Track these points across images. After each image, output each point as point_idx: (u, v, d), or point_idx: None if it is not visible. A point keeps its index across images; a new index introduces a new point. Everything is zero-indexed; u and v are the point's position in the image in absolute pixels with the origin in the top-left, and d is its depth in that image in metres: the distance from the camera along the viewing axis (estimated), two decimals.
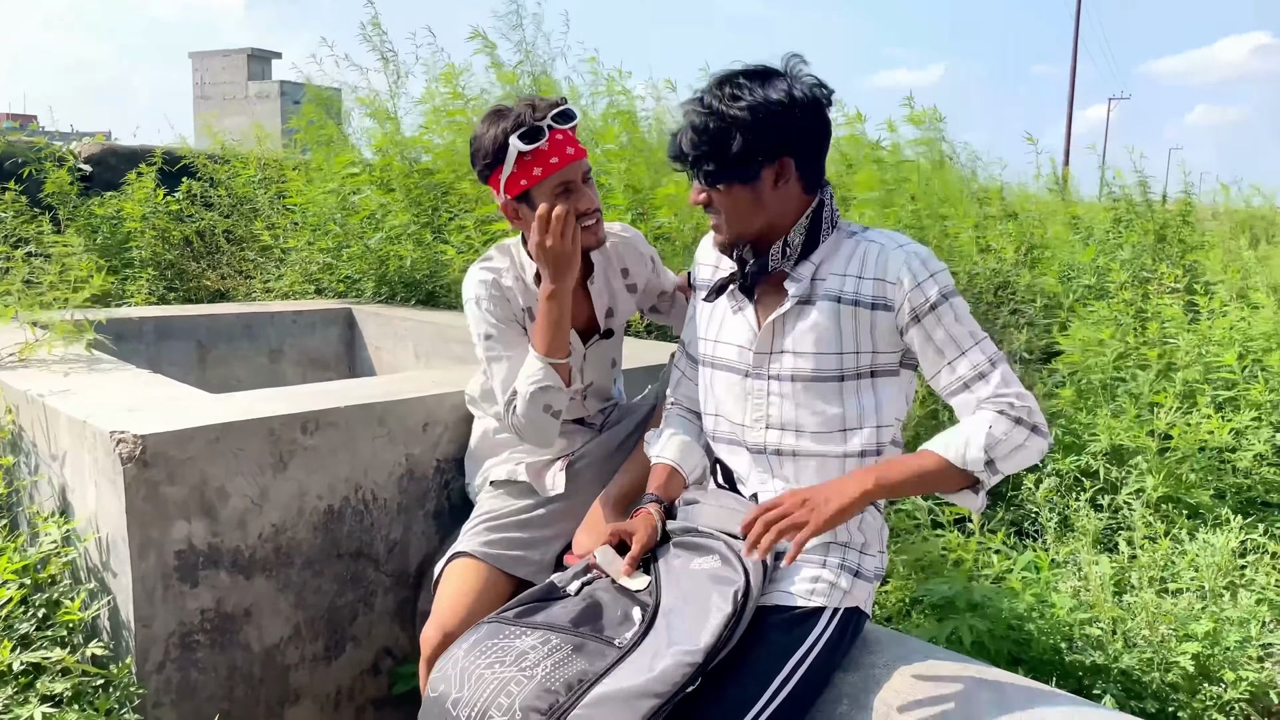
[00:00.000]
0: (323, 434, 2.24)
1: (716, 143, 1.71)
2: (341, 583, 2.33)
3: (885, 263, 1.74)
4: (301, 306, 4.13)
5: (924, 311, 1.72)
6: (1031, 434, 1.67)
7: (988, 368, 1.70)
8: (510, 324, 2.17)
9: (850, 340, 1.77)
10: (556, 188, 2.06)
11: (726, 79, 1.73)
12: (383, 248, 4.30)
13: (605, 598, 1.77)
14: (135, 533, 2.00)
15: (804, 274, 1.80)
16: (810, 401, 1.80)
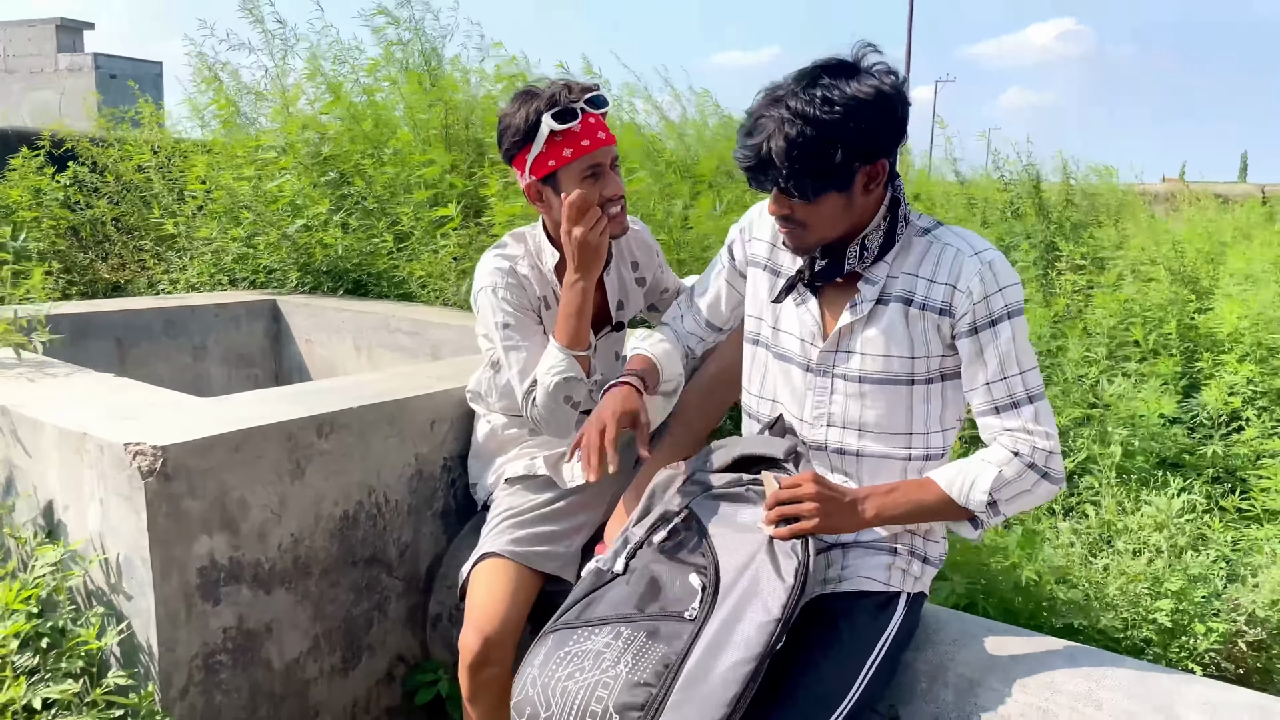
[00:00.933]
0: (337, 436, 2.14)
1: (814, 154, 1.58)
2: (357, 591, 2.23)
3: (960, 269, 1.68)
4: (224, 299, 3.91)
5: (984, 325, 1.67)
6: (1041, 480, 1.66)
7: (1024, 399, 1.67)
8: (527, 313, 2.12)
9: (921, 344, 1.73)
10: (585, 171, 2.00)
11: (811, 79, 1.61)
12: (304, 236, 4.10)
13: (659, 569, 1.72)
14: (158, 552, 1.86)
15: (879, 275, 1.73)
16: (877, 403, 1.76)
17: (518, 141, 2.02)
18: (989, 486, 1.64)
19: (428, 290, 3.92)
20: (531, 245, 2.19)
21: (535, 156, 2.01)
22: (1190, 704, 1.59)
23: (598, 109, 2.03)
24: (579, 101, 1.99)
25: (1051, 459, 1.66)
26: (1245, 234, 7.61)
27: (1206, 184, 16.54)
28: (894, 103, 1.62)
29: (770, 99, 1.64)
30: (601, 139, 2.01)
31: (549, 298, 2.16)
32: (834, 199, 1.65)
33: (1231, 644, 2.62)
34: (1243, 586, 2.73)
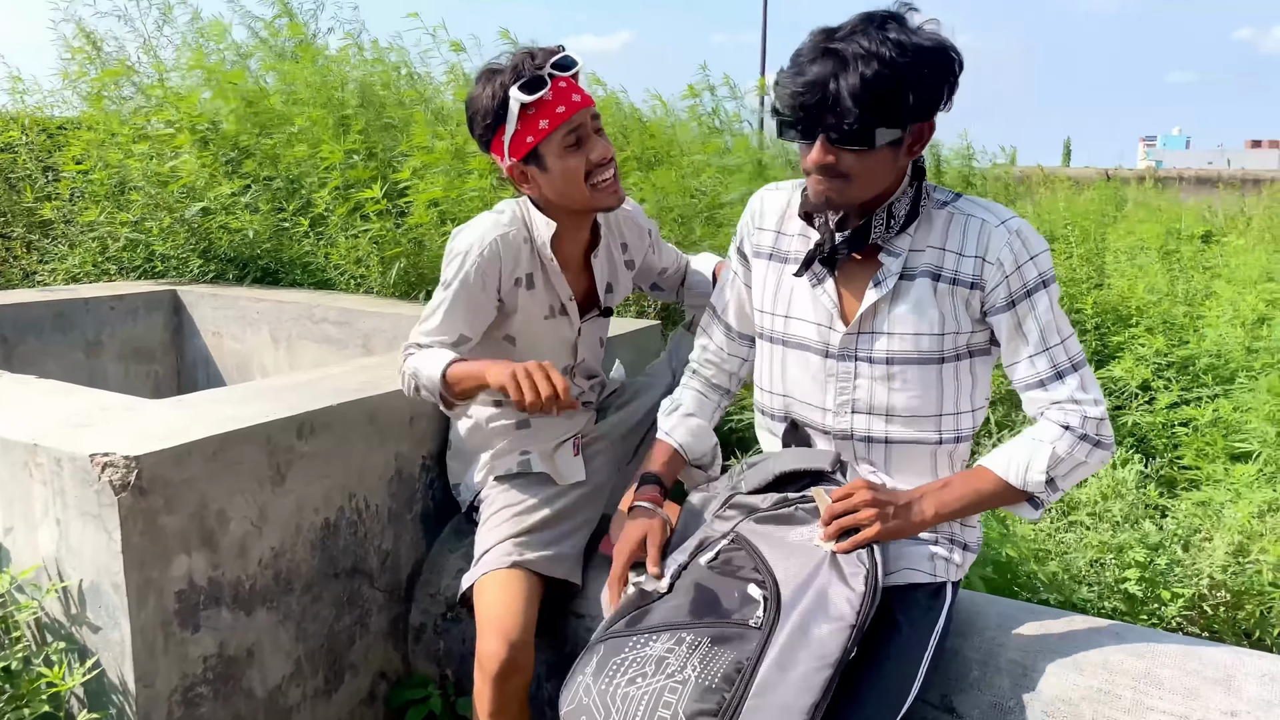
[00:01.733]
0: (318, 438, 1.94)
1: (888, 94, 1.46)
2: (339, 605, 2.04)
3: (988, 240, 1.61)
4: (120, 290, 3.56)
5: (1020, 297, 1.61)
6: (1095, 449, 1.61)
7: (1068, 368, 1.62)
8: (480, 293, 1.94)
9: (951, 319, 1.65)
10: (567, 138, 1.87)
11: (880, 22, 1.49)
12: (205, 220, 3.79)
13: (710, 583, 1.62)
14: (133, 576, 1.64)
15: (901, 248, 1.65)
16: (906, 385, 1.68)
17: (490, 125, 1.88)
18: (1045, 466, 1.60)
19: (346, 277, 3.68)
20: (524, 217, 2.01)
21: (512, 136, 1.87)
22: (1249, 676, 1.59)
23: (566, 70, 1.87)
24: (545, 67, 1.84)
25: (1102, 426, 1.61)
26: (1110, 214, 8.00)
27: (1051, 169, 17.39)
28: (955, 59, 1.54)
29: (830, 37, 1.50)
30: (577, 101, 1.87)
31: (535, 274, 2.00)
32: (886, 152, 1.54)
33: (1197, 607, 2.70)
34: (1198, 552, 2.81)
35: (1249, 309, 4.30)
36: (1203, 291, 4.93)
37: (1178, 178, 15.12)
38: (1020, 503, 1.66)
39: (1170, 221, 6.71)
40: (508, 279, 1.97)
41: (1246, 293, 4.62)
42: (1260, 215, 8.61)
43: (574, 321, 2.09)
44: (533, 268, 2.00)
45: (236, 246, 3.78)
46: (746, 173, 4.62)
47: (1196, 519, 2.95)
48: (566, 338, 2.10)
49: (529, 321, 2.03)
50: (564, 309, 2.06)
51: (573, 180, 1.89)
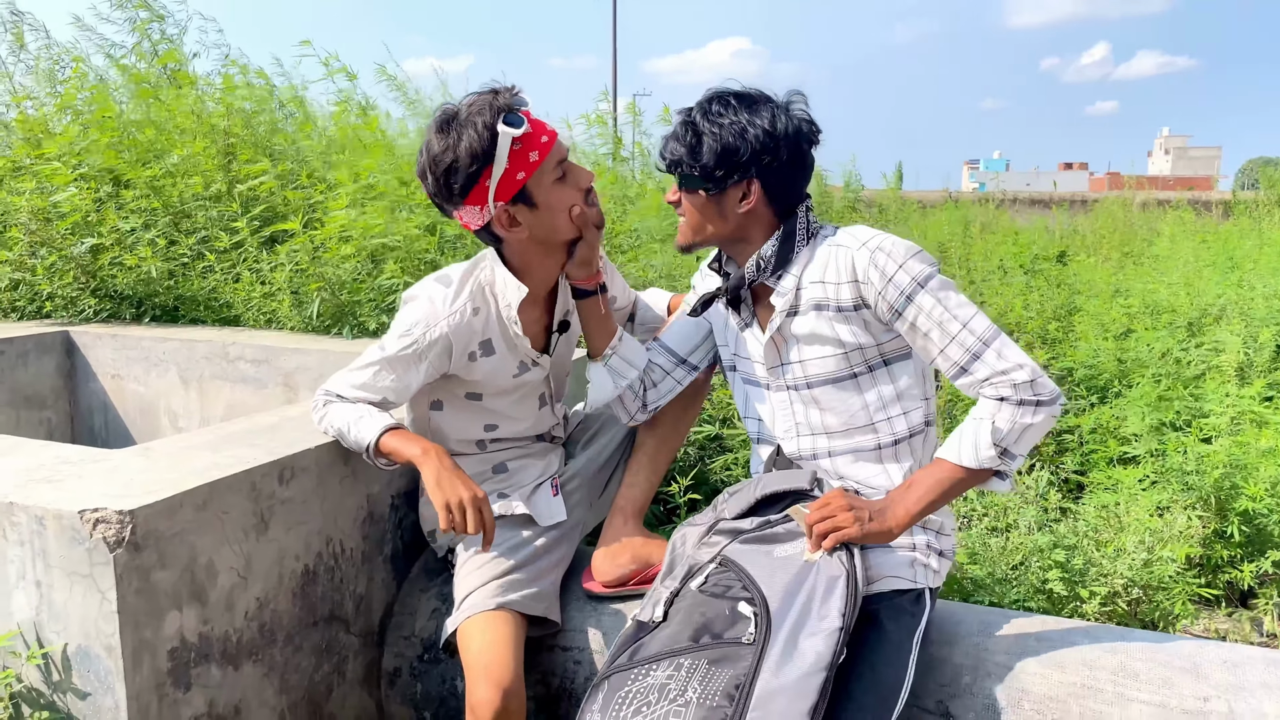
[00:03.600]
0: (297, 482, 1.89)
1: (690, 151, 1.75)
2: (318, 654, 1.98)
3: (852, 264, 1.73)
4: (7, 333, 3.34)
5: (901, 304, 1.70)
6: (1037, 408, 1.66)
7: (980, 347, 1.68)
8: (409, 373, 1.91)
9: (849, 338, 1.77)
10: (556, 170, 1.83)
11: (718, 96, 1.77)
12: (97, 259, 3.60)
13: (703, 607, 1.66)
14: (128, 636, 1.56)
15: (788, 286, 1.80)
16: (830, 403, 1.83)
17: (474, 171, 1.76)
18: (990, 440, 1.66)
19: (254, 313, 3.55)
20: (482, 281, 1.95)
21: (500, 176, 1.77)
22: (1213, 663, 1.73)
23: (525, 105, 1.83)
24: (519, 101, 1.81)
25: (1036, 385, 1.66)
26: (962, 234, 8.46)
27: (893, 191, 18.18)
28: (783, 142, 1.74)
29: (685, 108, 1.81)
30: (551, 131, 1.85)
31: (495, 340, 1.95)
32: (707, 200, 1.78)
33: (1112, 604, 2.89)
34: (1108, 551, 3.01)
35: (1114, 323, 4.63)
36: (1066, 307, 5.28)
37: (1012, 199, 16.07)
38: (988, 479, 1.73)
39: (1024, 242, 7.17)
40: (459, 359, 1.93)
41: (1106, 307, 4.98)
42: (1095, 233, 9.27)
43: (544, 364, 2.07)
44: (490, 334, 1.95)
45: (132, 284, 3.59)
46: (650, 202, 4.70)
47: (1099, 520, 3.16)
48: (535, 384, 2.09)
49: (495, 381, 2.01)
50: (534, 362, 2.04)
51: (562, 219, 1.85)
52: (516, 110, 1.78)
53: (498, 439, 2.10)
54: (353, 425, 1.88)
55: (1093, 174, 55.91)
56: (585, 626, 2.04)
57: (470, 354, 1.94)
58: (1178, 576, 3.04)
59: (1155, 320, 4.98)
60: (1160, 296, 5.31)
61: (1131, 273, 6.43)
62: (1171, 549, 3.04)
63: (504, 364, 1.98)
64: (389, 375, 1.91)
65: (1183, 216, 9.64)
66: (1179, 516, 3.24)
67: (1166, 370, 4.47)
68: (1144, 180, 21.89)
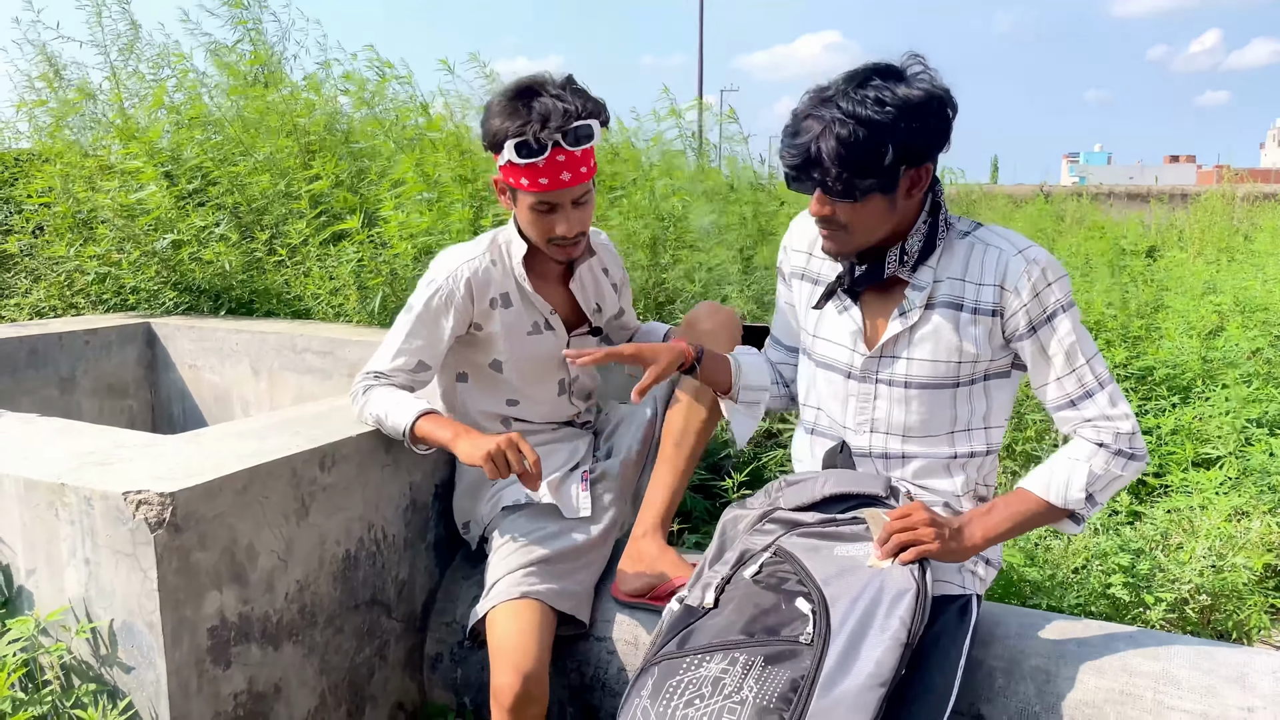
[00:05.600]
0: (339, 469, 1.94)
1: (864, 153, 1.56)
2: (359, 637, 2.03)
3: (1005, 269, 1.67)
4: (93, 324, 3.50)
5: (1041, 323, 1.67)
6: (1129, 462, 1.67)
7: (1095, 387, 1.68)
8: (439, 325, 2.02)
9: (970, 347, 1.72)
10: (539, 205, 1.94)
11: (862, 80, 1.59)
12: (177, 253, 3.74)
13: (757, 598, 1.62)
14: (168, 614, 1.62)
15: (924, 280, 1.72)
16: (921, 407, 1.76)
17: (486, 145, 1.97)
18: (1084, 484, 1.66)
19: (323, 306, 3.66)
20: (500, 241, 2.11)
21: (501, 165, 1.96)
22: (1261, 673, 1.66)
23: (575, 145, 1.89)
24: (553, 136, 1.86)
25: (1134, 440, 1.67)
26: (1052, 230, 8.24)
27: (986, 187, 17.78)
28: (943, 107, 1.62)
29: (818, 98, 1.61)
30: (564, 180, 1.90)
31: (511, 294, 2.08)
32: (878, 201, 1.64)
33: (1180, 611, 2.79)
34: (1174, 557, 2.91)
35: (1202, 321, 4.46)
36: (1153, 304, 5.11)
37: (1108, 193, 15.58)
38: (1062, 520, 1.72)
39: (1113, 237, 6.94)
40: (480, 305, 2.04)
41: (1195, 305, 4.80)
42: (1192, 228, 8.92)
43: (560, 335, 2.14)
44: (508, 287, 2.08)
45: (210, 278, 3.73)
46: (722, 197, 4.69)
47: (1169, 525, 3.05)
48: (554, 353, 2.14)
49: (513, 340, 2.09)
50: (548, 324, 2.12)
51: (531, 230, 2.01)
52: (544, 143, 1.86)
53: (520, 419, 2.16)
54: (390, 412, 1.96)
55: (1200, 167, 53.81)
56: (620, 618, 2.05)
57: (491, 300, 2.05)
58: (1254, 585, 2.92)
59: (1248, 319, 4.78)
60: (1254, 294, 5.10)
61: (1226, 269, 6.18)
62: (1247, 555, 2.92)
63: (519, 319, 2.08)
64: (420, 334, 2.01)
65: None
66: (1257, 521, 3.11)
67: (1257, 370, 4.29)
68: (1254, 173, 20.96)
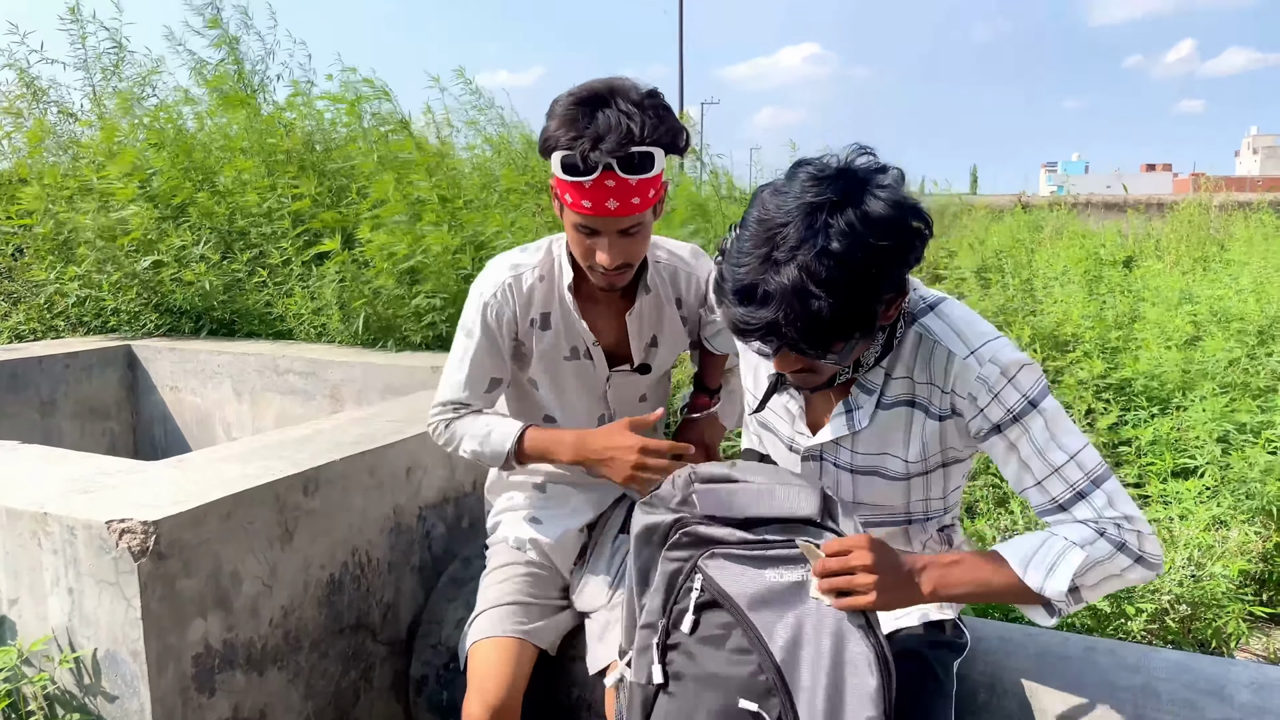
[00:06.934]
0: (323, 493, 1.94)
1: (846, 316, 1.29)
2: (344, 661, 2.03)
3: (955, 374, 1.46)
4: (73, 347, 3.49)
5: (1006, 423, 1.44)
6: (1135, 564, 1.40)
7: (1088, 486, 1.41)
8: (497, 337, 1.88)
9: (917, 444, 1.54)
10: (581, 227, 1.72)
11: (811, 222, 1.28)
12: (158, 274, 3.73)
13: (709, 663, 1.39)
14: (153, 643, 1.62)
15: (875, 381, 1.52)
16: (870, 487, 1.60)
17: (540, 148, 1.74)
18: (1072, 573, 1.39)
19: (305, 327, 3.66)
20: (555, 253, 1.91)
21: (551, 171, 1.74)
22: (1239, 684, 1.68)
23: (630, 174, 1.64)
24: (605, 159, 1.61)
25: (1144, 540, 1.40)
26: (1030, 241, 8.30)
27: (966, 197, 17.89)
28: (911, 214, 1.33)
29: (767, 253, 1.30)
30: (610, 209, 1.65)
31: (554, 315, 1.89)
32: (860, 345, 1.40)
33: (1161, 622, 2.82)
34: None
35: (1178, 331, 4.51)
36: (1129, 315, 5.15)
37: (1086, 203, 15.72)
38: (1034, 605, 1.47)
39: (1091, 247, 7.00)
40: (523, 322, 1.90)
41: (1172, 315, 4.85)
42: (1169, 238, 9.01)
43: (599, 367, 1.94)
44: (550, 307, 1.90)
45: (191, 299, 3.72)
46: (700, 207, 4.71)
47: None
48: (593, 385, 1.96)
49: (550, 363, 1.93)
50: (588, 353, 1.93)
51: (575, 249, 1.79)
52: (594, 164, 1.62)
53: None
54: (486, 439, 1.86)
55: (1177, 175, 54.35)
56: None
57: (532, 320, 1.90)
58: (1233, 593, 2.95)
59: (1224, 328, 4.83)
60: (1229, 303, 5.15)
61: (1202, 279, 6.25)
62: (1225, 563, 2.95)
63: (558, 342, 1.91)
64: (483, 354, 1.89)
65: (1262, 219, 9.32)
66: (1235, 530, 3.14)
67: (1234, 380, 4.33)
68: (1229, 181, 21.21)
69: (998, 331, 1.50)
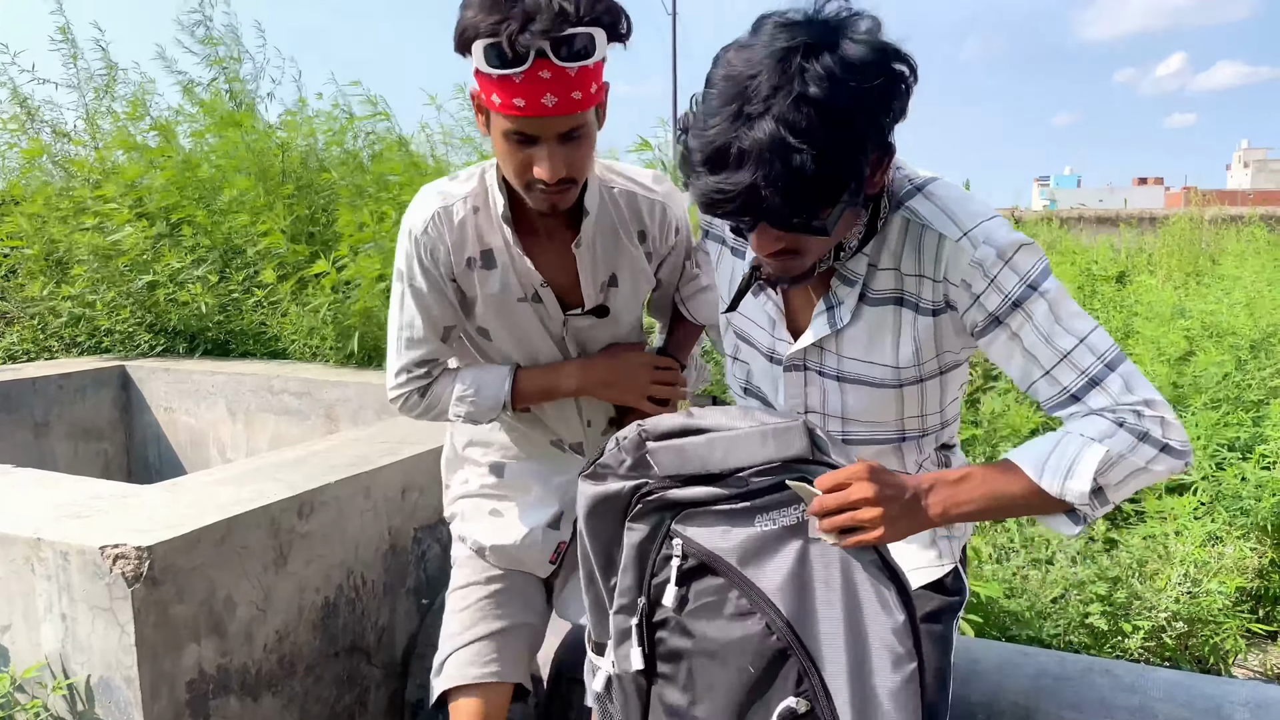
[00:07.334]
0: (318, 516, 1.94)
1: (830, 172, 1.13)
2: (339, 685, 2.02)
3: (945, 261, 1.30)
4: (67, 368, 3.48)
5: (1005, 312, 1.27)
6: (1161, 454, 1.24)
7: (1102, 372, 1.25)
8: (438, 282, 1.62)
9: (908, 347, 1.37)
10: (514, 135, 1.44)
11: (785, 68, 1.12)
12: (153, 294, 3.73)
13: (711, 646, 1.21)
14: (146, 669, 1.61)
15: (857, 269, 1.35)
16: (859, 398, 1.42)
17: (455, 45, 1.45)
18: (1093, 469, 1.23)
19: (299, 346, 3.65)
20: (486, 181, 1.62)
21: (472, 70, 1.45)
22: (1238, 704, 1.68)
23: (568, 61, 1.38)
24: (537, 43, 1.36)
25: (1168, 426, 1.24)
26: None
27: None
28: (893, 57, 1.18)
29: (738, 109, 1.14)
30: (546, 106, 1.40)
31: (496, 252, 1.61)
32: (844, 214, 1.23)
33: (1158, 639, 2.82)
34: (1155, 583, 2.94)
35: (1172, 346, 4.52)
36: (1123, 330, 5.16)
37: (1078, 217, 15.78)
38: (1056, 514, 1.30)
39: (1083, 262, 7.02)
40: (458, 261, 1.61)
41: (1165, 330, 4.86)
42: (1161, 252, 9.05)
43: (551, 311, 1.66)
44: (493, 243, 1.62)
45: (185, 319, 3.72)
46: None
47: (1145, 552, 3.08)
48: (553, 331, 1.69)
49: (500, 307, 1.65)
50: (537, 295, 1.65)
51: (506, 166, 1.51)
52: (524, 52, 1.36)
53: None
54: (478, 392, 1.66)
55: (1169, 189, 54.60)
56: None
57: (470, 259, 1.61)
58: (1229, 610, 2.95)
59: (1216, 343, 4.84)
60: (1221, 318, 5.17)
61: (1194, 293, 6.27)
62: (1221, 580, 2.96)
63: (507, 283, 1.63)
64: (429, 296, 1.63)
65: (1254, 233, 9.36)
66: (1231, 546, 3.14)
67: (1226, 394, 4.34)
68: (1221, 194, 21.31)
69: (994, 210, 1.32)
